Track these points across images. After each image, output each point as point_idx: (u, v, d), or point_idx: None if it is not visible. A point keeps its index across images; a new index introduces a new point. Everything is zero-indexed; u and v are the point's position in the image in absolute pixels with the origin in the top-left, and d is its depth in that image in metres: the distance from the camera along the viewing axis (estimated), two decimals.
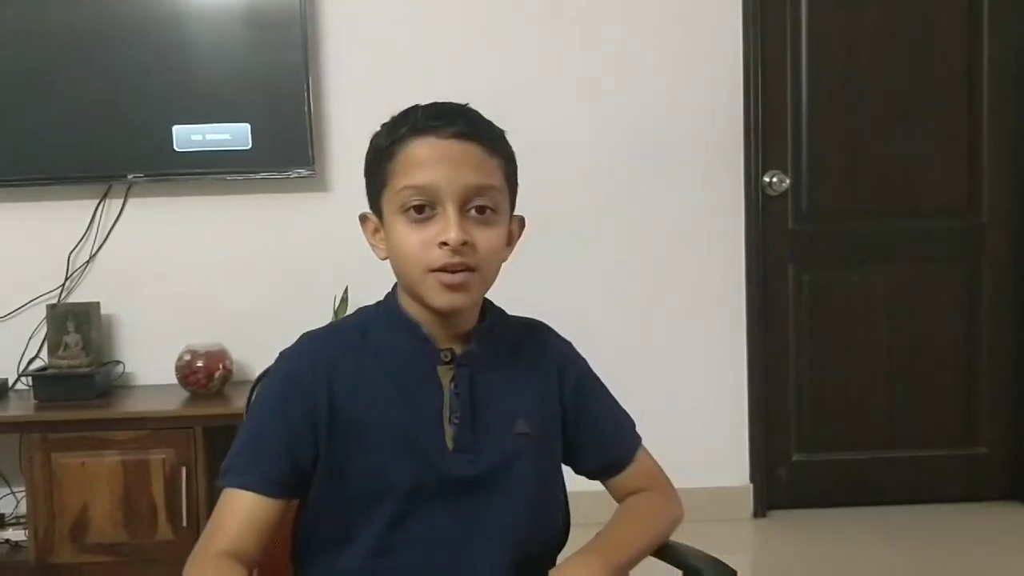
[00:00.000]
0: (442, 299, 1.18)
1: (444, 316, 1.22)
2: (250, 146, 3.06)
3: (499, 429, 1.25)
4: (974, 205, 3.39)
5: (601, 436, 1.34)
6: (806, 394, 3.41)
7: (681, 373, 3.30)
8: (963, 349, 3.43)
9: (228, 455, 1.23)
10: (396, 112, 1.24)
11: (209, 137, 3.06)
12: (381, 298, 1.31)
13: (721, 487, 3.29)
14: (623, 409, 1.38)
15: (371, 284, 2.81)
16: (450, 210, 1.16)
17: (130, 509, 2.81)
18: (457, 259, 1.16)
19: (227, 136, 3.07)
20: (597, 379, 1.37)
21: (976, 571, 2.90)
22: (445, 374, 1.24)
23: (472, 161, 1.18)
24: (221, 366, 2.99)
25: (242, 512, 1.17)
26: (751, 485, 3.35)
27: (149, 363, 3.18)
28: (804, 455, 3.43)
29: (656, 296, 3.27)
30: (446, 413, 1.22)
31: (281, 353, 1.27)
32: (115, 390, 3.10)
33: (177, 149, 3.06)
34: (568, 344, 1.37)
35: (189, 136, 3.06)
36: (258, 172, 3.09)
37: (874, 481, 3.43)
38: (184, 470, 2.78)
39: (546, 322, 1.38)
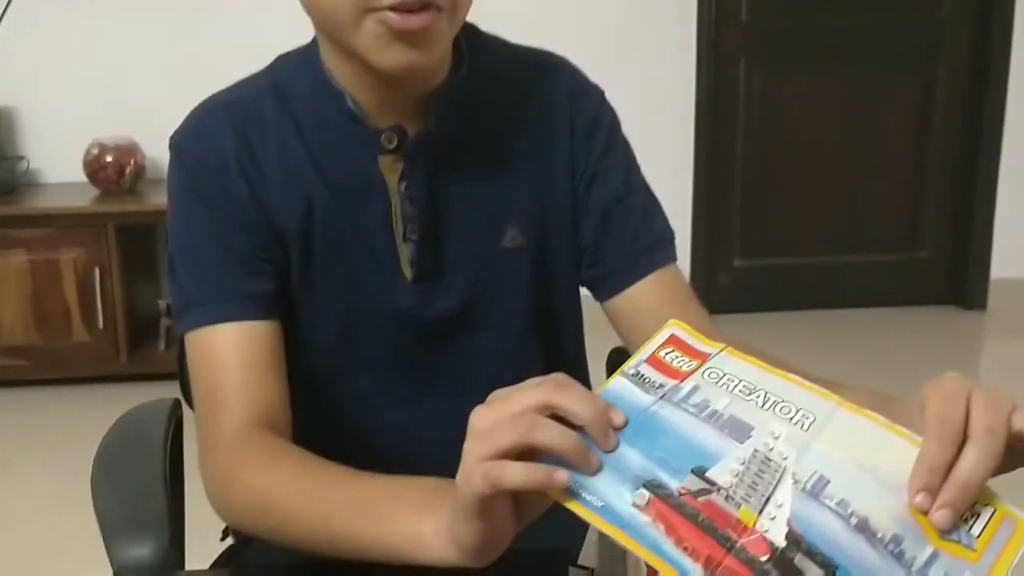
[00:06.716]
0: (391, 56, 0.75)
1: (392, 79, 0.80)
2: None
3: (478, 243, 0.88)
4: None
5: (628, 229, 0.90)
6: (752, 197, 3.31)
7: None
8: (913, 155, 3.34)
9: (172, 295, 0.87)
10: None
11: None
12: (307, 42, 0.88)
13: None
14: (660, 206, 0.94)
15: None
16: None
17: (42, 311, 2.68)
18: None
19: None
20: (633, 154, 0.95)
21: (916, 371, 2.90)
22: (391, 168, 0.84)
23: None
24: (132, 161, 2.79)
25: (231, 356, 0.80)
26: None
27: (55, 159, 2.98)
28: (747, 260, 3.36)
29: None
30: (397, 227, 0.85)
31: (170, 139, 0.87)
32: (20, 187, 2.91)
33: None
34: (598, 91, 0.94)
35: None
36: None
37: (818, 285, 3.39)
38: (98, 271, 2.64)
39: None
